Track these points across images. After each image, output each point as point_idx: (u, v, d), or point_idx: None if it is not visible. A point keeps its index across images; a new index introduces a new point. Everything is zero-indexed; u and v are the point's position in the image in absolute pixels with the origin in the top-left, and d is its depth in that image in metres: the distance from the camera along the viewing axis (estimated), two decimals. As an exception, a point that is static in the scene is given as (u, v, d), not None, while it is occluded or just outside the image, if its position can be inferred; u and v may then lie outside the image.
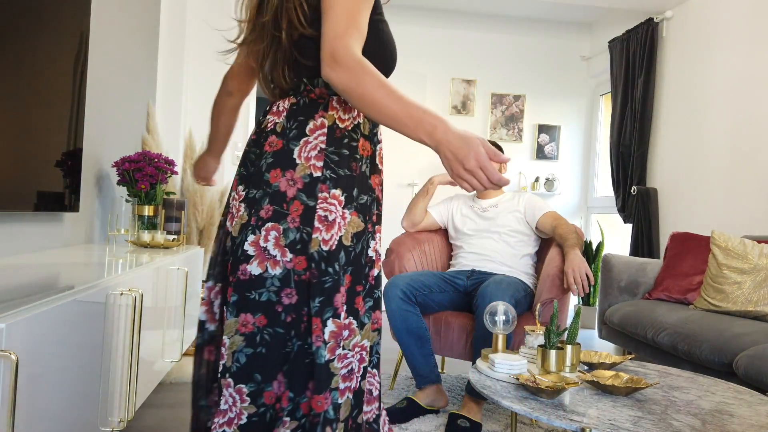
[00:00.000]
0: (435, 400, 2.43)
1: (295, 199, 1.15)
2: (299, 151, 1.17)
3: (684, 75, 4.20)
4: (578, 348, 1.84)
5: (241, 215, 1.18)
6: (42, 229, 2.08)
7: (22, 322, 0.95)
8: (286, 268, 1.13)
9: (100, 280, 1.40)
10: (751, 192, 3.53)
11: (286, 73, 1.20)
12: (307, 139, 1.17)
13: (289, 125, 1.19)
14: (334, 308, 1.13)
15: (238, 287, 1.14)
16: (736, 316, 2.74)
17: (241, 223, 1.18)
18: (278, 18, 1.17)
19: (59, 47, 1.96)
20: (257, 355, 1.12)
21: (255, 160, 1.21)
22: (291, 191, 1.15)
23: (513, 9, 5.06)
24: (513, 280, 2.49)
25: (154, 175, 2.45)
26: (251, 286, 1.14)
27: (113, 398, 1.51)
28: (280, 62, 1.20)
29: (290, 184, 1.15)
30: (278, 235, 1.14)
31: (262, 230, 1.14)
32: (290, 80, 1.20)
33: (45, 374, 1.06)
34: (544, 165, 5.39)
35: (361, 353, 1.18)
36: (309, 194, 1.15)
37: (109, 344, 1.43)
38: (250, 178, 1.20)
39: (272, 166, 1.16)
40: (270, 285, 1.13)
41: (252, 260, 1.14)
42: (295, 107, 1.20)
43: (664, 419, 1.45)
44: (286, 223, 1.14)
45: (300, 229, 1.14)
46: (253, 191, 1.18)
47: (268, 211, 1.15)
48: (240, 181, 1.23)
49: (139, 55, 3.05)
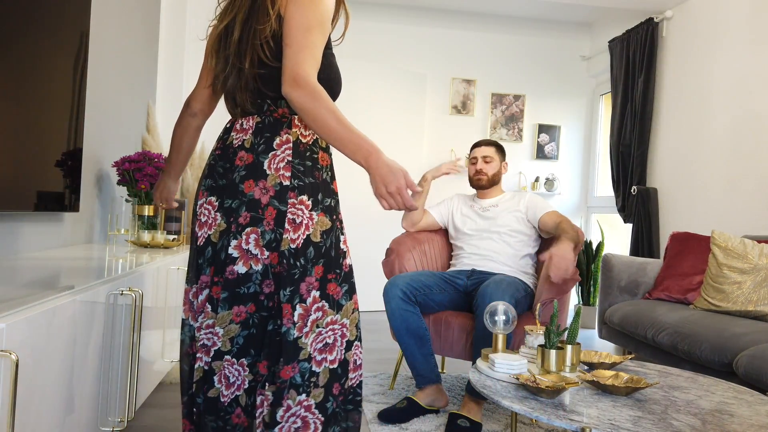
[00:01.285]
0: (435, 400, 2.43)
1: (268, 206, 1.34)
2: (269, 163, 1.36)
3: (684, 75, 4.20)
4: (578, 348, 1.84)
5: (219, 223, 1.37)
6: (42, 229, 2.08)
7: (22, 322, 0.95)
8: (264, 264, 1.35)
9: (100, 280, 1.40)
10: (751, 192, 3.53)
11: (249, 98, 1.39)
12: (275, 153, 1.36)
13: (257, 141, 1.38)
14: (300, 295, 1.34)
15: (228, 285, 1.35)
16: (736, 316, 2.74)
17: (220, 230, 1.37)
18: (241, 52, 1.37)
19: (59, 47, 1.96)
20: (251, 335, 1.36)
21: (224, 173, 1.39)
22: (264, 198, 1.34)
23: (513, 9, 5.06)
24: (513, 280, 2.49)
25: (154, 175, 2.45)
26: (240, 282, 1.35)
27: (113, 398, 1.51)
28: (244, 89, 1.39)
29: (263, 192, 1.35)
30: (257, 237, 1.34)
31: (243, 235, 1.34)
32: (254, 103, 1.39)
33: (45, 374, 1.06)
34: (544, 165, 5.39)
35: (341, 330, 1.40)
36: (280, 200, 1.34)
37: (109, 344, 1.43)
38: (223, 190, 1.38)
39: (245, 178, 1.35)
40: (255, 279, 1.35)
41: (237, 261, 1.34)
42: (261, 125, 1.39)
43: (664, 419, 1.45)
44: (263, 227, 1.34)
45: (274, 230, 1.34)
46: (228, 201, 1.36)
47: (246, 218, 1.34)
48: (211, 192, 1.40)
49: (139, 55, 3.05)
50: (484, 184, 2.83)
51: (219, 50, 1.45)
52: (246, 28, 1.38)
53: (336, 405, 1.39)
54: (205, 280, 1.40)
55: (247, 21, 1.38)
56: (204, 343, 1.39)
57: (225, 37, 1.42)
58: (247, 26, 1.38)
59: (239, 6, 1.40)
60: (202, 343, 1.39)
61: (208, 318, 1.38)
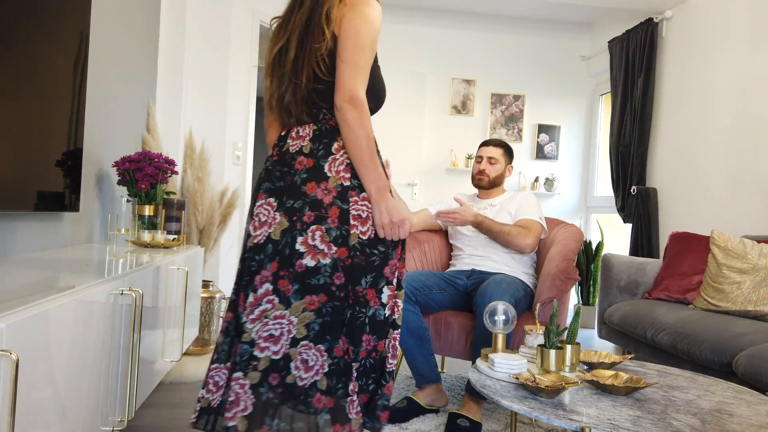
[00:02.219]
0: (435, 399, 2.43)
1: (332, 205, 1.49)
2: (329, 166, 1.50)
3: (684, 75, 4.20)
4: (578, 348, 1.84)
5: (279, 222, 1.50)
6: (42, 229, 2.08)
7: (22, 322, 0.95)
8: (333, 258, 1.48)
9: (100, 279, 1.40)
10: (751, 192, 3.53)
11: (306, 109, 1.54)
12: (335, 157, 1.51)
13: (316, 146, 1.52)
14: (386, 278, 1.52)
15: (298, 277, 1.48)
16: (736, 316, 2.74)
17: (282, 228, 1.49)
18: (298, 69, 1.52)
19: (59, 47, 1.96)
20: (325, 322, 1.48)
21: (282, 176, 1.53)
22: (327, 198, 1.49)
23: (513, 9, 5.06)
24: (513, 280, 2.49)
25: (154, 175, 2.45)
26: (309, 274, 1.48)
27: (113, 398, 1.51)
28: (300, 102, 1.54)
29: (325, 192, 1.49)
30: (323, 234, 1.48)
31: (308, 232, 1.48)
32: (309, 114, 1.55)
33: (45, 374, 1.06)
34: (543, 165, 5.39)
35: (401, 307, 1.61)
36: (342, 200, 1.49)
37: (109, 344, 1.44)
38: (282, 191, 1.51)
39: (307, 180, 1.50)
40: (324, 271, 1.48)
41: (305, 255, 1.48)
42: (318, 132, 1.54)
43: (663, 419, 1.45)
44: (327, 224, 1.48)
45: (339, 227, 1.48)
46: (290, 201, 1.50)
47: (309, 217, 1.48)
48: (270, 194, 1.53)
49: (139, 55, 3.05)
50: (484, 185, 2.83)
51: (273, 71, 1.58)
52: (302, 47, 1.52)
53: None
54: (266, 275, 1.49)
55: (302, 41, 1.52)
56: (271, 333, 1.48)
57: (279, 58, 1.56)
58: (302, 45, 1.52)
59: (292, 28, 1.54)
60: (268, 334, 1.48)
61: (275, 310, 1.48)
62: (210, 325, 3.17)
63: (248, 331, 1.50)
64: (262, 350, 1.49)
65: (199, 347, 3.11)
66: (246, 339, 1.50)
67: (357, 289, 1.50)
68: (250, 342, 1.50)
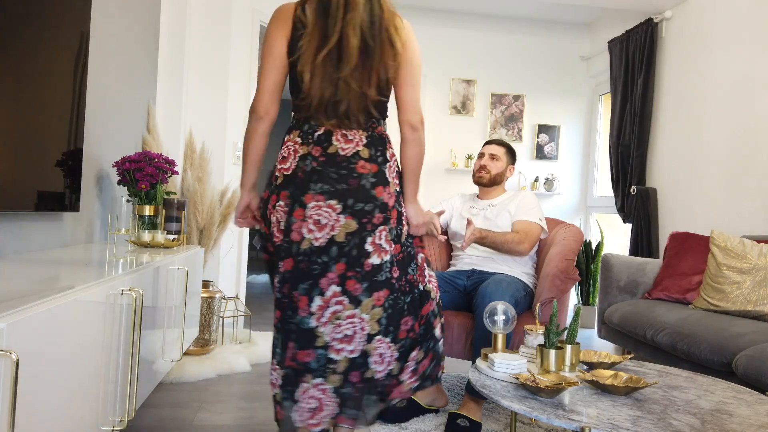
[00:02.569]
0: (435, 399, 2.43)
1: (393, 208, 1.66)
2: (388, 172, 1.66)
3: (683, 75, 4.21)
4: (578, 347, 1.85)
5: (344, 224, 1.57)
6: (42, 229, 2.08)
7: (22, 322, 0.95)
8: (391, 254, 1.64)
9: (100, 280, 1.41)
10: (751, 192, 3.53)
11: (363, 117, 1.63)
12: (390, 164, 1.68)
13: (374, 153, 1.64)
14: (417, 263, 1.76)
15: (366, 276, 1.59)
16: (736, 316, 2.74)
17: (347, 231, 1.57)
18: (364, 79, 1.58)
19: (59, 47, 1.96)
20: (389, 315, 1.63)
21: (340, 178, 1.59)
22: (390, 202, 1.65)
23: (513, 9, 5.06)
24: (513, 280, 2.49)
25: (154, 175, 2.45)
26: (376, 272, 1.60)
27: (113, 398, 1.51)
28: (361, 110, 1.62)
29: (388, 196, 1.64)
30: (386, 234, 1.63)
31: (377, 232, 1.61)
32: (360, 122, 1.63)
33: (45, 374, 1.06)
34: (543, 165, 5.39)
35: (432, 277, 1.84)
36: (398, 203, 1.69)
37: (109, 344, 1.44)
38: (346, 195, 1.58)
39: (376, 185, 1.62)
40: (386, 267, 1.62)
41: (371, 254, 1.59)
42: (370, 139, 1.64)
43: (663, 419, 1.46)
44: (390, 225, 1.64)
45: (397, 227, 1.66)
46: (359, 204, 1.59)
47: (378, 219, 1.62)
48: (329, 197, 1.57)
49: (139, 55, 3.05)
50: (484, 181, 2.81)
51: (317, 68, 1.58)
52: (367, 56, 1.58)
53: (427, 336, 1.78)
54: (332, 277, 1.56)
55: (366, 49, 1.58)
56: (345, 334, 1.58)
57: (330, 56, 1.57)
58: (368, 54, 1.58)
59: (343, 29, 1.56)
60: (342, 335, 1.57)
61: (346, 310, 1.57)
62: (210, 325, 3.17)
63: (321, 336, 1.57)
64: (338, 352, 1.57)
65: (199, 347, 3.11)
66: (320, 344, 1.57)
67: (408, 278, 1.69)
68: (324, 346, 1.57)
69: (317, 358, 1.56)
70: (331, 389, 1.56)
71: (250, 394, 2.61)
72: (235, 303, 3.72)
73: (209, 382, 2.76)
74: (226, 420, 2.30)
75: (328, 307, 1.56)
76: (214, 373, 2.85)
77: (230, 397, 2.58)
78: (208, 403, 2.47)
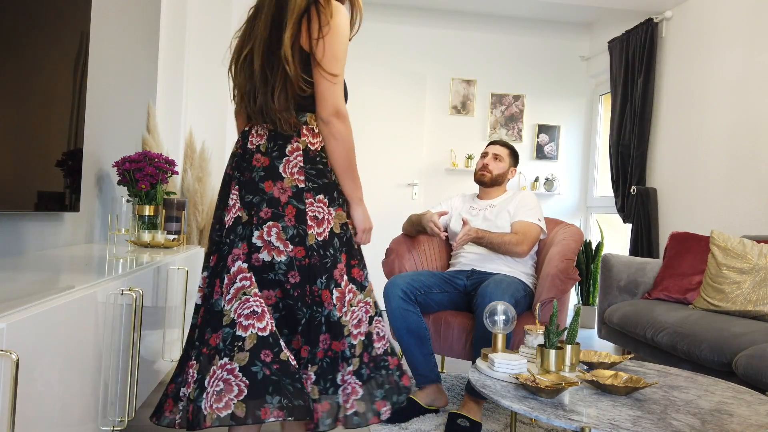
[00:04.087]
0: (435, 399, 2.43)
1: (287, 204, 1.51)
2: (283, 167, 1.53)
3: (683, 75, 4.20)
4: (578, 347, 1.85)
5: (240, 215, 1.53)
6: (42, 229, 2.08)
7: (22, 322, 0.95)
8: (289, 256, 1.50)
9: (100, 280, 1.41)
10: (751, 192, 3.53)
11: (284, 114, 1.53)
12: (288, 159, 1.54)
13: (271, 147, 1.54)
14: (335, 280, 1.53)
15: (256, 271, 1.50)
16: (736, 316, 2.74)
17: (243, 221, 1.52)
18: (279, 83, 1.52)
19: (59, 47, 1.96)
20: (282, 317, 1.51)
21: (244, 170, 1.55)
22: (283, 198, 1.51)
23: (513, 9, 5.06)
24: (513, 280, 2.49)
25: (154, 175, 2.45)
26: (265, 269, 1.50)
27: (113, 398, 1.51)
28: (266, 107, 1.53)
29: (280, 192, 1.52)
30: (278, 231, 1.50)
31: (264, 228, 1.50)
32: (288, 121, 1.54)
33: (45, 374, 1.06)
34: (543, 165, 5.40)
35: (365, 307, 1.59)
36: (298, 200, 1.52)
37: (109, 344, 1.44)
38: (245, 185, 1.53)
39: (265, 179, 1.52)
40: (279, 268, 1.50)
41: (261, 250, 1.50)
42: (272, 133, 1.56)
43: (663, 419, 1.46)
44: (283, 222, 1.50)
45: (296, 226, 1.51)
46: (249, 196, 1.52)
47: (266, 213, 1.51)
48: (237, 185, 1.55)
49: (139, 55, 3.05)
50: (486, 181, 2.81)
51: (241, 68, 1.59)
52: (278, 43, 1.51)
53: (369, 371, 1.58)
54: (237, 253, 1.51)
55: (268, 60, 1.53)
56: (254, 310, 1.46)
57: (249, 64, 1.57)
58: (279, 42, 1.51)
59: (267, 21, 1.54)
60: (250, 311, 1.45)
61: (253, 287, 1.47)
62: (210, 325, 3.17)
63: (227, 314, 1.45)
64: (245, 329, 1.44)
65: (199, 347, 3.11)
66: (226, 322, 1.45)
67: (313, 289, 1.51)
68: (231, 323, 1.44)
69: (223, 338, 1.44)
70: (238, 368, 1.41)
71: (250, 394, 2.61)
72: (235, 303, 3.71)
73: (209, 382, 2.76)
74: (226, 420, 2.29)
75: (234, 283, 1.48)
76: (214, 373, 2.84)
77: (230, 397, 2.57)
78: (208, 403, 2.46)
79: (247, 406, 1.38)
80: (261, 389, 1.40)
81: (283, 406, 1.39)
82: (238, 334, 1.43)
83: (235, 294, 1.46)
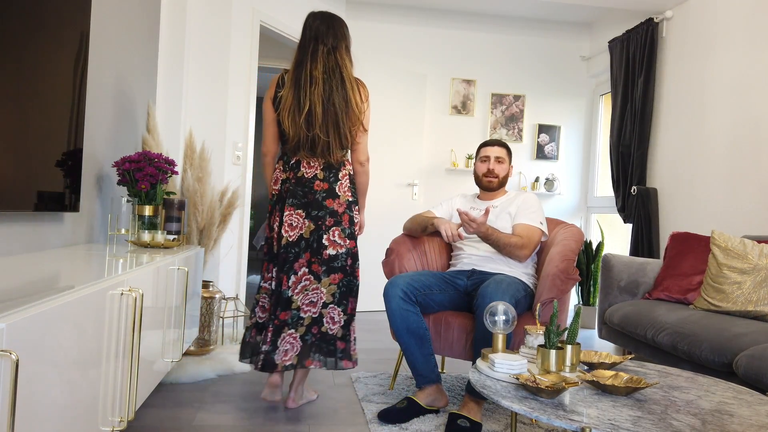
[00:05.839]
0: (435, 399, 2.43)
1: (344, 213, 2.38)
2: (338, 188, 2.38)
3: (684, 75, 4.20)
4: (578, 348, 1.84)
5: (308, 226, 2.34)
6: (42, 229, 2.08)
7: (22, 322, 0.95)
8: (347, 248, 2.39)
9: (100, 280, 1.40)
10: (751, 192, 3.53)
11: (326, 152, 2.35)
12: (341, 182, 2.39)
13: (327, 175, 2.37)
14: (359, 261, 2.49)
15: (324, 262, 2.35)
16: (736, 316, 2.74)
17: (310, 230, 2.34)
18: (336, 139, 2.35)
19: (59, 47, 1.96)
20: (342, 291, 2.39)
21: (303, 195, 2.35)
22: (340, 210, 2.37)
23: (513, 9, 5.06)
24: (513, 280, 2.48)
25: (154, 175, 2.45)
26: (331, 260, 2.36)
27: (113, 398, 1.51)
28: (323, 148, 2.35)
29: (338, 206, 2.37)
30: (339, 232, 2.37)
31: (330, 231, 2.36)
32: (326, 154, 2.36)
33: (45, 374, 1.06)
34: (544, 165, 5.39)
35: None
36: (350, 210, 2.40)
37: (109, 344, 1.44)
38: (308, 205, 2.34)
39: (326, 198, 2.35)
40: (341, 257, 2.37)
41: (328, 247, 2.35)
42: (326, 165, 2.37)
43: (664, 419, 1.45)
44: (342, 225, 2.37)
45: (350, 227, 2.40)
46: (314, 212, 2.34)
47: (330, 222, 2.35)
48: (297, 207, 2.34)
49: (139, 55, 3.05)
50: (494, 186, 2.80)
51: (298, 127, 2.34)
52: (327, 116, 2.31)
53: None
54: (302, 261, 2.33)
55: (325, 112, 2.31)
56: (311, 300, 2.34)
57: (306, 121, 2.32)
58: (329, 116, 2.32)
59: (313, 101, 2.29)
60: (309, 301, 2.33)
61: (312, 284, 2.34)
62: (210, 325, 3.17)
63: (295, 301, 2.31)
64: (305, 312, 2.33)
65: (198, 347, 3.11)
66: (294, 307, 2.32)
67: (356, 267, 2.43)
68: (297, 308, 2.32)
69: (292, 316, 2.31)
70: (299, 336, 2.32)
71: (250, 394, 2.61)
72: (235, 303, 3.72)
73: (209, 383, 2.76)
74: (226, 420, 2.30)
75: (300, 282, 2.33)
76: (213, 374, 2.85)
77: (230, 397, 2.57)
78: (208, 403, 2.47)
79: (300, 358, 2.31)
80: (307, 350, 2.33)
81: (319, 359, 2.34)
82: (301, 316, 2.32)
83: (301, 290, 2.32)
